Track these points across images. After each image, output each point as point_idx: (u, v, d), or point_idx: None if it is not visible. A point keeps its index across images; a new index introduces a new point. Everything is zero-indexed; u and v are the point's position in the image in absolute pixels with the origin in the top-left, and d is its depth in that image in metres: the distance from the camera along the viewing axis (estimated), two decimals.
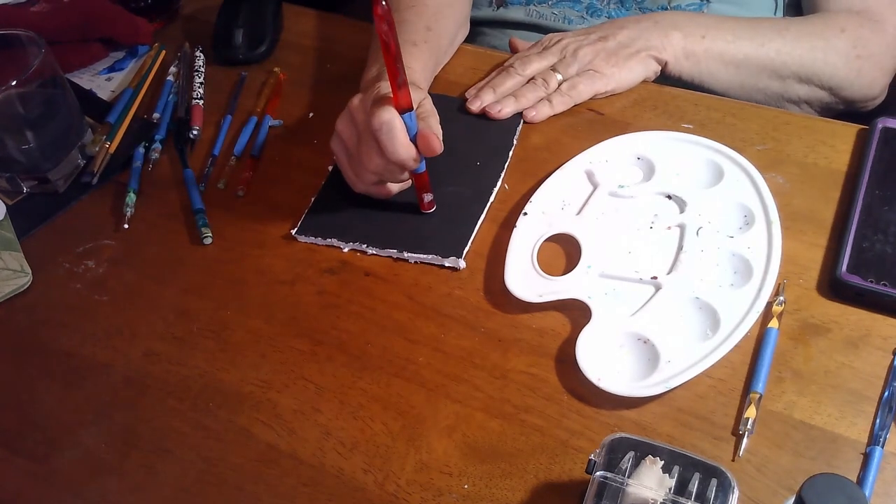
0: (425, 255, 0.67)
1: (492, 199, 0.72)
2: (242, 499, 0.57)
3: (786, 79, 0.79)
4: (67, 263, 0.73)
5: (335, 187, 0.74)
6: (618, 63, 0.77)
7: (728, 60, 0.78)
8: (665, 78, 0.80)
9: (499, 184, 0.73)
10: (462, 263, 0.67)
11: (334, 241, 0.70)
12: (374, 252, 0.69)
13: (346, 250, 0.70)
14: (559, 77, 0.78)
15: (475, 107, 0.78)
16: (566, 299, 0.63)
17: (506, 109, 0.77)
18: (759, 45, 0.78)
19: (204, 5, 0.97)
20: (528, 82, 0.79)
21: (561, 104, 0.77)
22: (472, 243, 0.68)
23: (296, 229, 0.71)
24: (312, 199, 0.73)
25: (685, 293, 0.62)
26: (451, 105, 0.80)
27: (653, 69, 0.79)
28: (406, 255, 0.68)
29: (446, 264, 0.67)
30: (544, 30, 0.91)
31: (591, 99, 0.78)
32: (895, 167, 0.67)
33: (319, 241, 0.70)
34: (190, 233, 0.74)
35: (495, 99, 0.78)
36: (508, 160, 0.74)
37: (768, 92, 0.81)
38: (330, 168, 0.76)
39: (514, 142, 0.75)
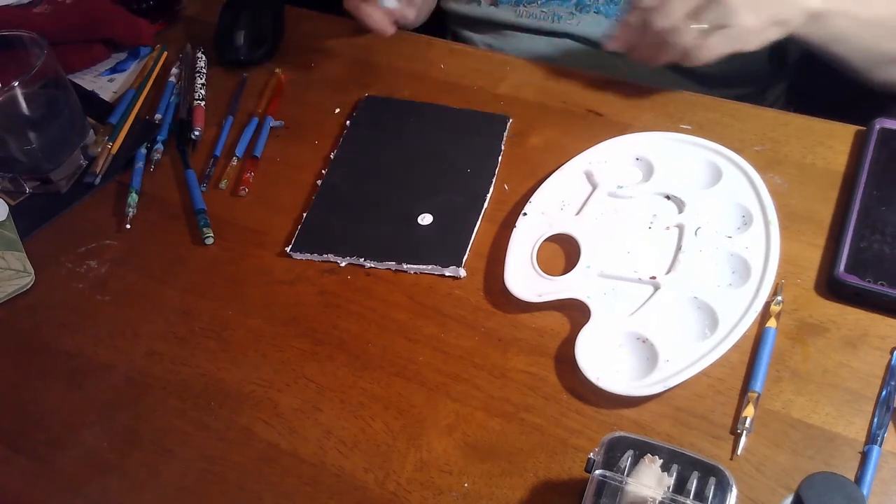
0: (425, 266, 0.67)
1: (486, 205, 0.71)
2: (244, 498, 0.57)
3: None
4: (70, 263, 0.73)
5: (326, 201, 0.74)
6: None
7: (862, 21, 0.72)
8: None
9: (491, 189, 0.72)
10: (462, 272, 0.67)
11: (331, 257, 0.69)
12: (373, 265, 0.68)
13: (343, 265, 0.69)
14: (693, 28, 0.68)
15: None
16: (565, 299, 0.63)
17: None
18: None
19: (205, 7, 0.98)
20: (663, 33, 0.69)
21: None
22: (469, 251, 0.68)
23: (290, 246, 0.70)
24: (304, 216, 0.72)
25: (684, 293, 0.62)
26: (439, 115, 0.79)
27: None
28: (405, 266, 0.68)
29: (447, 274, 0.67)
30: (534, 30, 0.91)
31: (591, 99, 0.78)
32: (893, 167, 0.67)
33: (315, 257, 0.69)
34: (191, 233, 0.74)
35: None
36: (498, 165, 0.74)
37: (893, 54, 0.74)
38: (319, 183, 0.75)
39: (503, 147, 0.75)
